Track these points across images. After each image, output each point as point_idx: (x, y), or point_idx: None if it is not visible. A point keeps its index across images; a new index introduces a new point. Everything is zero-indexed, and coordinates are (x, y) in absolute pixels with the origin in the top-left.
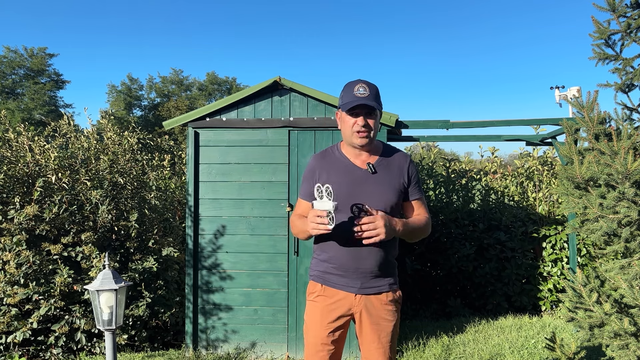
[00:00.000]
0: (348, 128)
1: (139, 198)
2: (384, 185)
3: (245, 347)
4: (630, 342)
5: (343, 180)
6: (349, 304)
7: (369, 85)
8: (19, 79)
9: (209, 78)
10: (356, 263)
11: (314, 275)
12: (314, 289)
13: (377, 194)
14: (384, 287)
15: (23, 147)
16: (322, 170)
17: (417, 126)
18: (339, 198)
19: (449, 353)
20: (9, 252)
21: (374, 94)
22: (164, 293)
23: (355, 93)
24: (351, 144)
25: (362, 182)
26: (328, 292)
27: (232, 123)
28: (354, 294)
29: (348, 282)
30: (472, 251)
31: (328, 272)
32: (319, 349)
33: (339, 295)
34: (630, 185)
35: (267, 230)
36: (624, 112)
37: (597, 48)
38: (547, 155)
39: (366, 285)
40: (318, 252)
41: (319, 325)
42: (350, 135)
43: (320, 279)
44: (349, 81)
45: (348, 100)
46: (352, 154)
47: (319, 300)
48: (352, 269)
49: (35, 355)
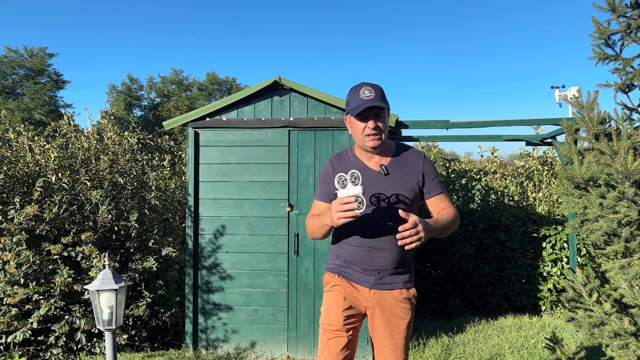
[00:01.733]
0: (359, 133)
1: (139, 198)
2: (398, 185)
3: (245, 347)
4: (630, 342)
5: None
6: (363, 298)
7: (373, 87)
8: (19, 79)
9: (209, 78)
10: (372, 261)
11: (330, 267)
12: (331, 279)
13: (390, 194)
14: (397, 284)
15: (23, 147)
16: (339, 172)
17: (417, 126)
18: None
19: (449, 353)
20: (9, 252)
21: (380, 95)
22: (164, 293)
23: (362, 96)
24: (364, 148)
25: (376, 184)
26: (345, 282)
27: (232, 123)
28: (368, 288)
29: (363, 277)
30: (472, 251)
31: (344, 267)
32: (336, 334)
33: (354, 286)
34: (630, 185)
35: (267, 230)
36: (624, 112)
37: (597, 48)
38: (547, 155)
39: (380, 282)
40: (334, 247)
41: (336, 312)
42: (362, 140)
43: (337, 271)
44: (354, 85)
45: (355, 104)
46: (365, 156)
47: (336, 289)
48: (368, 266)
49: (35, 355)
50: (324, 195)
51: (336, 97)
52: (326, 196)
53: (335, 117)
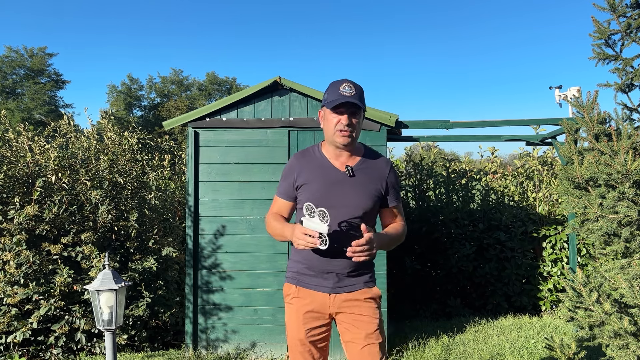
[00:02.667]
0: (331, 126)
1: (139, 198)
2: (360, 189)
3: (245, 347)
4: (630, 342)
5: (318, 180)
6: (323, 304)
7: (354, 85)
8: (19, 78)
9: (209, 78)
10: (327, 264)
11: (288, 277)
12: (289, 291)
13: (352, 197)
14: (357, 285)
15: (23, 147)
16: (302, 169)
17: (417, 126)
18: (313, 198)
19: (449, 353)
20: (9, 252)
21: (359, 94)
22: (164, 293)
23: (341, 91)
24: (333, 143)
25: (338, 184)
26: (302, 293)
27: (232, 123)
28: (327, 294)
29: (320, 282)
30: (472, 251)
31: (301, 273)
32: (299, 349)
33: (312, 296)
34: (630, 185)
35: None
36: (624, 112)
37: (597, 48)
38: (547, 155)
39: (339, 285)
40: (293, 253)
41: (296, 326)
42: (332, 134)
43: (294, 280)
44: (335, 80)
45: (333, 98)
46: (333, 154)
47: (294, 302)
48: (324, 269)
49: (35, 355)
50: (283, 192)
51: None
52: (286, 193)
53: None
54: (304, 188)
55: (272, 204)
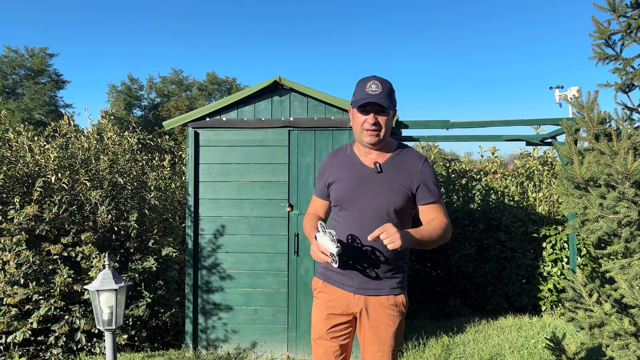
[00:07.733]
0: (358, 125)
1: (139, 198)
2: (389, 185)
3: (246, 347)
4: (630, 342)
5: (347, 177)
6: (347, 303)
7: (382, 82)
8: (19, 79)
9: (209, 78)
10: (354, 262)
11: (318, 272)
12: (316, 285)
13: (379, 194)
14: (383, 290)
15: (23, 147)
16: (332, 168)
17: (417, 126)
18: (342, 195)
19: (449, 353)
20: (9, 252)
21: (386, 92)
22: (164, 293)
23: (367, 90)
24: (361, 142)
25: (366, 181)
26: (328, 289)
27: (232, 123)
28: (352, 293)
29: (346, 281)
30: (472, 251)
31: (329, 269)
32: (319, 344)
33: (337, 293)
34: (630, 186)
35: (267, 230)
36: (624, 112)
37: (597, 48)
38: (547, 155)
39: (364, 286)
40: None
41: (319, 321)
42: (360, 133)
43: (322, 276)
44: (363, 77)
45: (359, 97)
46: (363, 152)
47: (320, 296)
48: (351, 267)
49: (35, 355)
50: (319, 191)
51: (336, 97)
52: (320, 192)
53: (335, 117)
54: (334, 186)
55: (310, 203)
